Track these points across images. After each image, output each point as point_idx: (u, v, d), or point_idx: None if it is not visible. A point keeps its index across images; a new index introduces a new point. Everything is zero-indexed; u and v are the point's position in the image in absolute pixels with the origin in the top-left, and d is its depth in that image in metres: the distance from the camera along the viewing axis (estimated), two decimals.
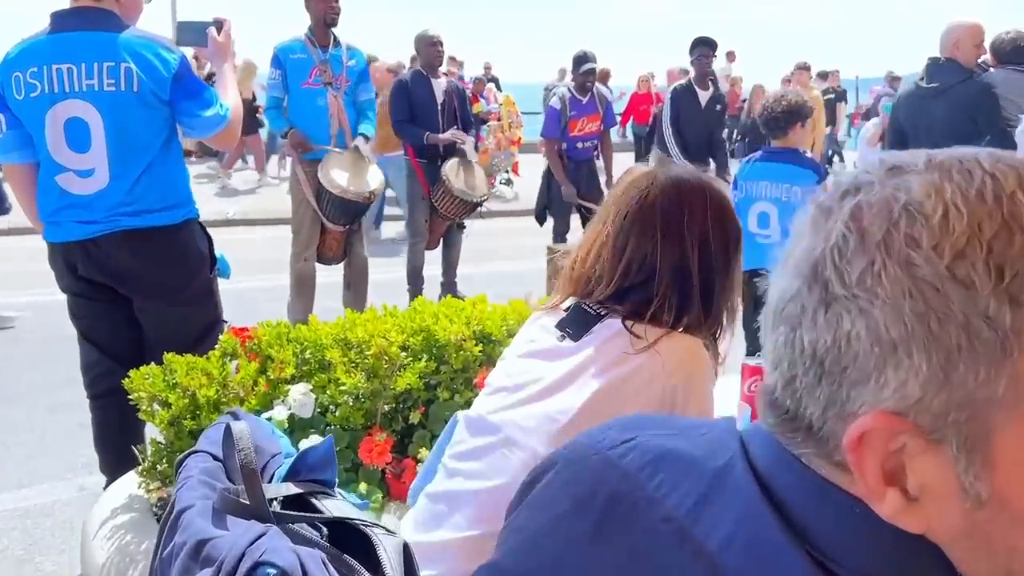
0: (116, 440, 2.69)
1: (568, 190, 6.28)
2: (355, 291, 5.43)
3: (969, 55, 4.30)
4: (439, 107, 5.78)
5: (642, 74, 15.27)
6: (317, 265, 5.22)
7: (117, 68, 2.52)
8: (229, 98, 2.74)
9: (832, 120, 14.64)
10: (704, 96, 6.58)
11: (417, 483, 1.80)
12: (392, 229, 9.07)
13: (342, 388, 2.04)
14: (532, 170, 12.32)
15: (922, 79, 4.44)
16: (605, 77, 12.70)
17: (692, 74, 6.68)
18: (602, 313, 1.41)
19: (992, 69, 4.39)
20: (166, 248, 2.71)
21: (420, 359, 2.13)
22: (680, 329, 1.36)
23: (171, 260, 2.73)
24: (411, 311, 2.32)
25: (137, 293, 2.72)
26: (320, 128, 4.91)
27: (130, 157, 2.60)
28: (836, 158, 14.95)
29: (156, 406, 1.95)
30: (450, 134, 5.69)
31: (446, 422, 2.09)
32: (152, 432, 2.11)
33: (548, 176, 6.53)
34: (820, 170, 3.99)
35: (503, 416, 1.40)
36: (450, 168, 5.66)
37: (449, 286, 6.28)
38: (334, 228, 5.04)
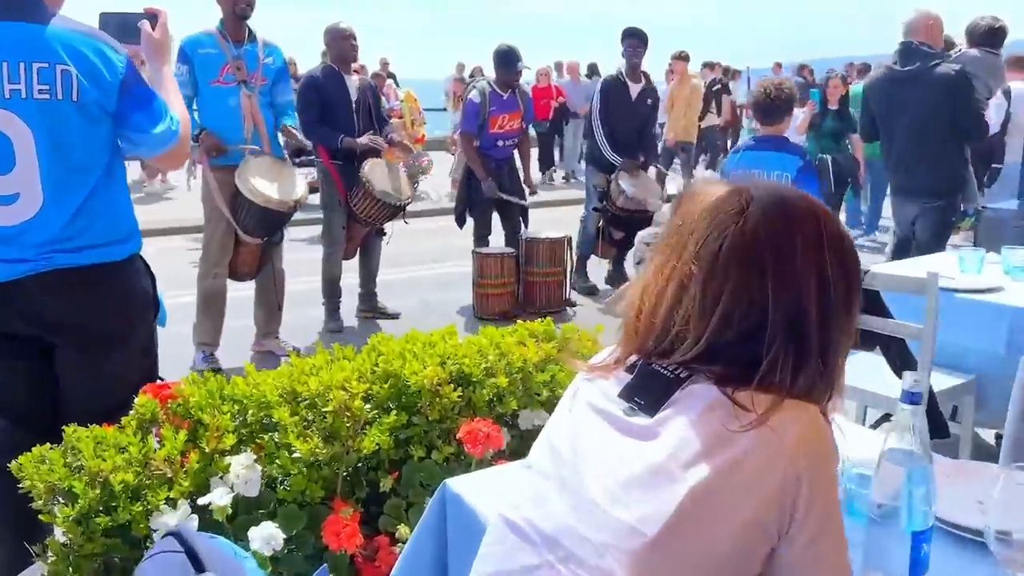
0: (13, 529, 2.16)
1: (488, 185, 5.94)
2: (269, 309, 4.95)
3: (939, 38, 4.32)
4: (354, 106, 5.34)
5: (541, 67, 15.05)
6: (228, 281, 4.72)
7: (51, 71, 2.02)
8: (176, 109, 2.26)
9: (720, 111, 14.73)
10: (635, 89, 6.36)
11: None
12: (305, 233, 8.50)
13: (295, 456, 1.65)
14: (439, 167, 11.94)
15: (895, 63, 4.41)
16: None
17: (623, 66, 6.44)
18: (684, 376, 1.08)
19: (962, 50, 4.44)
20: (109, 289, 2.21)
21: (389, 411, 1.76)
22: (795, 396, 1.04)
23: (115, 303, 2.23)
24: (370, 351, 1.94)
25: (70, 344, 2.19)
26: (232, 130, 4.41)
27: (70, 180, 2.10)
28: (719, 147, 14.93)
29: (57, 498, 1.51)
30: (368, 139, 5.26)
31: (423, 486, 1.74)
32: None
33: (467, 175, 6.18)
34: (805, 155, 4.05)
35: (559, 523, 1.05)
36: (370, 169, 5.23)
37: (369, 297, 5.84)
38: (251, 240, 4.55)
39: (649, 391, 1.07)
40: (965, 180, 4.46)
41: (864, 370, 2.88)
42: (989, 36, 4.48)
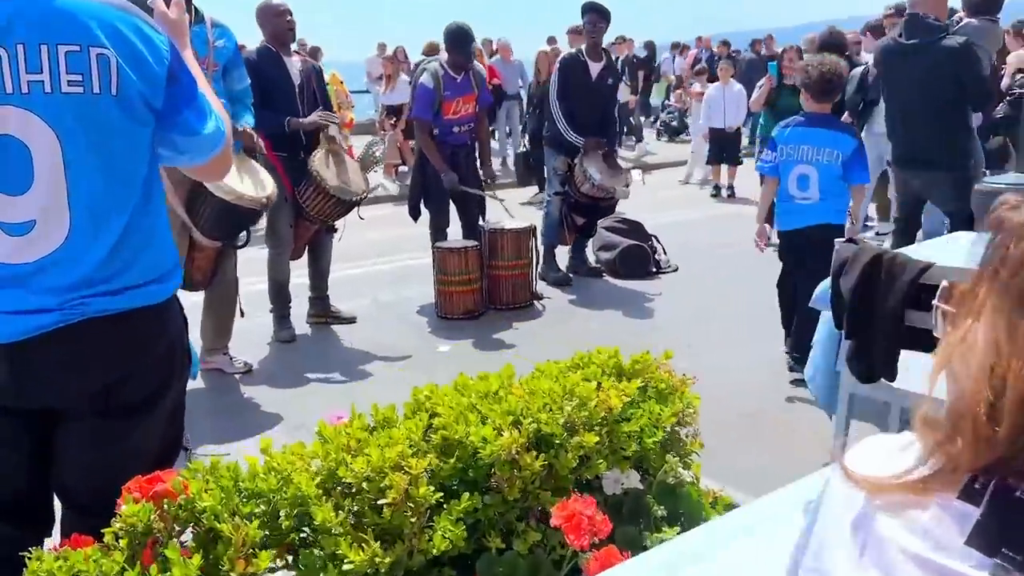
0: None
1: (449, 177, 5.50)
2: (219, 322, 4.42)
3: (944, 10, 4.34)
4: (296, 89, 4.81)
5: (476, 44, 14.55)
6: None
7: (84, 56, 1.51)
8: (213, 102, 1.76)
9: (636, 88, 14.43)
10: (595, 68, 5.99)
11: None
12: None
13: (347, 568, 1.23)
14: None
15: (900, 35, 4.37)
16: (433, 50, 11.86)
17: (583, 44, 6.06)
18: None
19: (963, 19, 4.39)
20: (147, 340, 1.70)
21: (457, 492, 1.36)
22: None
23: (153, 358, 1.72)
24: (415, 406, 1.53)
25: (87, 412, 1.65)
26: None
27: (108, 201, 1.60)
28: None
29: None
30: (317, 116, 4.75)
31: None
32: None
33: (421, 163, 5.71)
34: (856, 135, 4.16)
35: None
36: (319, 161, 4.72)
37: (321, 301, 5.34)
38: (209, 244, 4.02)
39: None
40: (973, 148, 4.46)
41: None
42: (987, 3, 4.39)
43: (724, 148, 9.97)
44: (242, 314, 4.48)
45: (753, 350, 4.65)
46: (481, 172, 5.90)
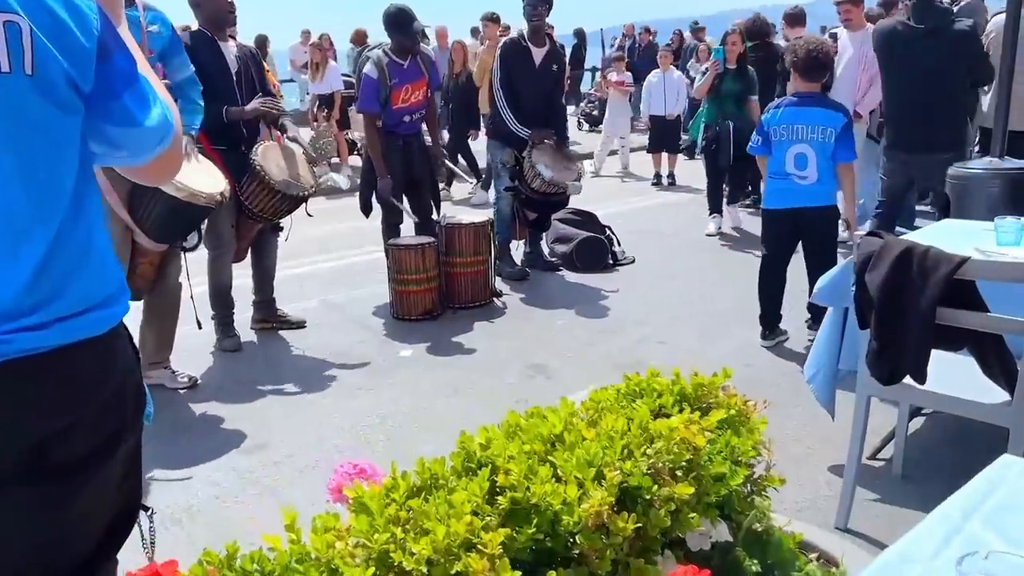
0: None
1: (385, 184, 5.18)
2: (161, 333, 4.02)
3: None
4: (234, 77, 4.40)
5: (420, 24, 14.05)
6: None
7: None
8: (159, 89, 1.38)
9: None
10: (539, 54, 5.72)
11: None
12: None
13: None
14: None
15: (908, 19, 4.43)
16: (361, 38, 11.36)
17: (524, 28, 5.78)
18: None
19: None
20: (90, 382, 1.32)
21: (533, 568, 1.09)
22: None
23: (101, 401, 1.33)
24: (466, 457, 1.25)
25: (19, 477, 1.24)
26: None
27: (25, 213, 1.23)
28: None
29: None
30: (258, 102, 4.36)
31: None
32: None
33: (370, 157, 5.37)
34: (847, 112, 4.18)
35: None
36: (262, 155, 4.34)
37: (266, 305, 4.95)
38: (155, 248, 3.63)
39: None
40: (968, 131, 4.58)
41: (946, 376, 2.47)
42: None
43: (665, 136, 9.87)
44: (199, 326, 4.09)
45: (728, 342, 4.51)
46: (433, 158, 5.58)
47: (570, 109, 14.55)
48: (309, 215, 4.71)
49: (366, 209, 5.54)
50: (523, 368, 4.22)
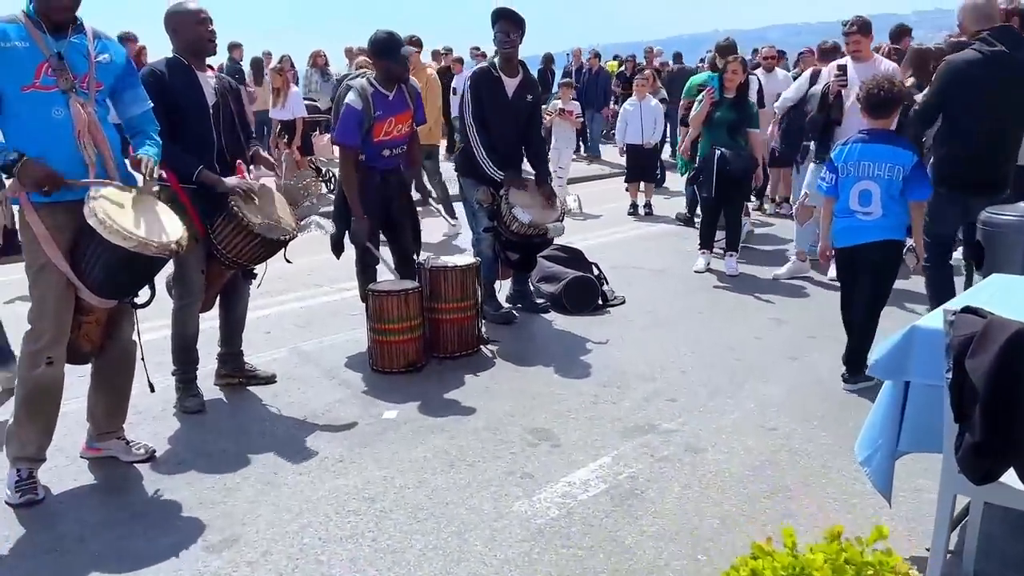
0: None
1: (360, 226, 4.75)
2: (114, 397, 3.52)
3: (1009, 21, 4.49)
4: (211, 112, 3.93)
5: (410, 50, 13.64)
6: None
7: None
8: None
9: None
10: (511, 83, 5.33)
11: None
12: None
13: None
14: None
15: (986, 49, 4.31)
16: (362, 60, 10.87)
17: (495, 56, 5.39)
18: None
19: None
20: None
21: None
22: None
23: None
24: None
25: None
26: (63, 154, 3.01)
27: None
28: None
29: None
30: (236, 182, 3.87)
31: None
32: None
33: (345, 194, 4.92)
34: (917, 151, 4.09)
35: None
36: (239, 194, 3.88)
37: (234, 358, 4.45)
38: (101, 305, 3.17)
39: None
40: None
41: None
42: None
43: (642, 165, 9.60)
44: (151, 389, 3.61)
45: (744, 399, 4.14)
46: (414, 193, 5.14)
47: None
48: (288, 261, 4.24)
49: (337, 249, 5.10)
50: (523, 433, 3.80)
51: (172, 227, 3.17)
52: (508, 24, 5.22)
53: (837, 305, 4.47)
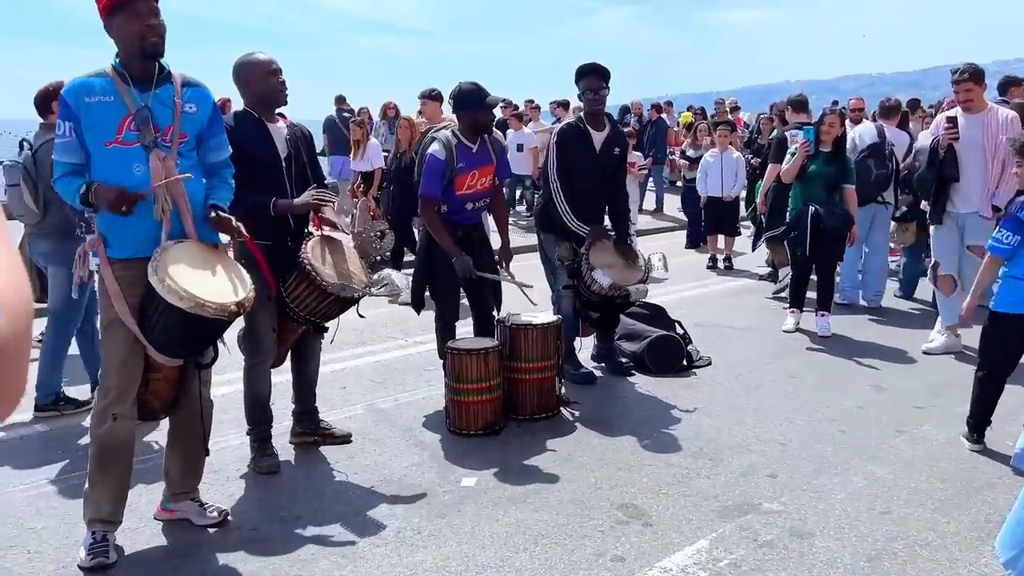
0: None
1: (463, 262, 4.61)
2: (187, 458, 3.41)
3: None
4: (283, 162, 3.89)
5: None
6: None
7: None
8: None
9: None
10: (599, 137, 5.20)
11: None
12: None
13: None
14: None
15: None
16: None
17: (582, 111, 5.28)
18: None
19: None
20: None
21: None
22: None
23: None
24: None
25: None
26: (139, 209, 2.97)
27: None
28: None
29: None
30: (309, 195, 3.84)
31: None
32: None
33: (427, 245, 4.81)
34: None
35: None
36: (313, 250, 3.80)
37: (308, 416, 4.34)
38: (167, 362, 3.10)
39: None
40: None
41: None
42: None
43: (722, 218, 9.33)
44: (206, 452, 3.48)
45: (854, 477, 3.80)
46: (497, 256, 4.99)
47: None
48: (361, 316, 4.13)
49: (418, 305, 4.98)
50: (612, 509, 3.55)
51: (238, 287, 3.08)
52: (595, 79, 5.12)
53: (941, 370, 4.16)
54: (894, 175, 6.99)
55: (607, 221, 5.43)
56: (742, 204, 9.89)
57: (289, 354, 4.25)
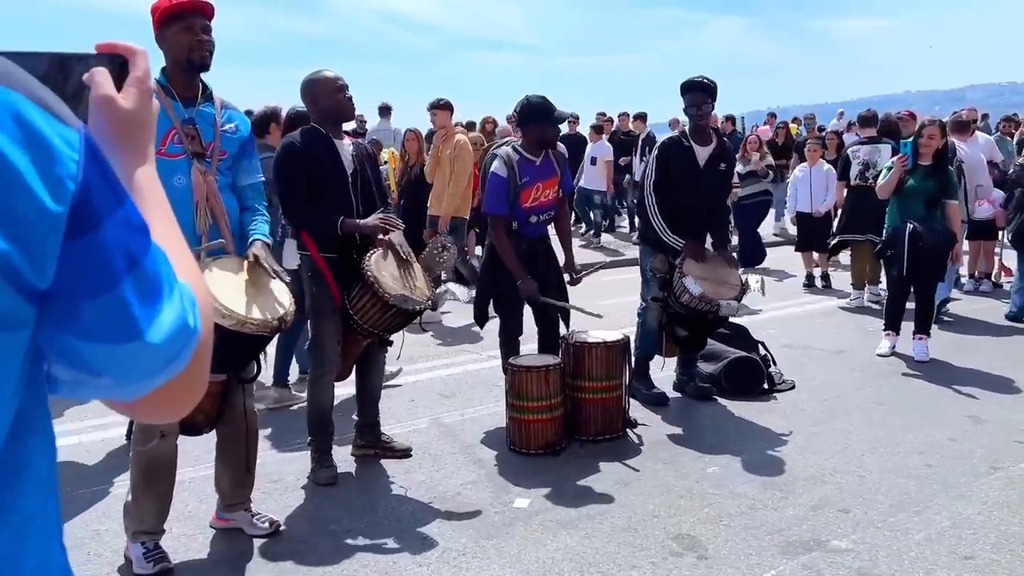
0: None
1: (528, 286, 4.53)
2: (236, 469, 3.43)
3: None
4: (349, 179, 3.93)
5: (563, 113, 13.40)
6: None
7: None
8: (180, 266, 0.81)
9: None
10: (703, 153, 5.03)
11: None
12: None
13: None
14: None
15: None
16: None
17: (687, 125, 5.12)
18: None
19: None
20: None
21: None
22: None
23: None
24: None
25: None
26: (180, 220, 2.96)
27: None
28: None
29: None
30: (377, 219, 3.85)
31: None
32: None
33: (491, 260, 4.77)
34: None
35: None
36: (376, 263, 3.80)
37: (370, 429, 4.35)
38: (211, 378, 3.10)
39: None
40: None
41: None
42: None
43: (813, 233, 8.84)
44: (247, 468, 3.48)
45: (937, 517, 3.48)
46: (563, 268, 4.90)
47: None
48: (424, 330, 4.11)
49: (481, 319, 4.93)
50: (666, 539, 3.38)
51: (280, 302, 3.09)
52: (700, 95, 4.95)
53: None
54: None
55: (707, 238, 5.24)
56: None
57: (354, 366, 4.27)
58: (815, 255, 9.00)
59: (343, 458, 4.23)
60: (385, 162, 8.78)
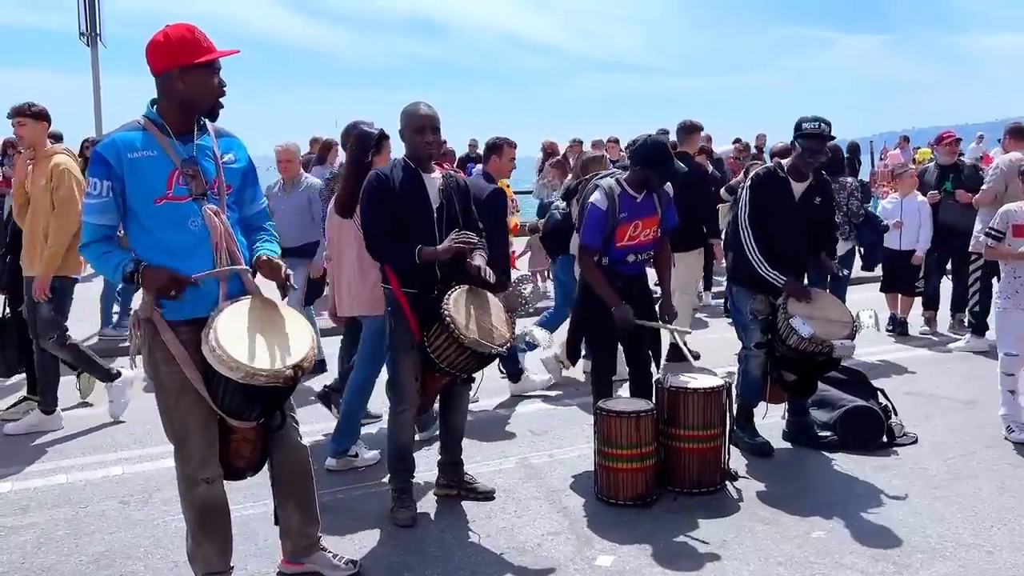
0: None
1: (622, 311, 4.31)
2: (300, 505, 3.31)
3: None
4: (435, 213, 3.84)
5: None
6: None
7: None
8: None
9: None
10: (799, 188, 4.70)
11: None
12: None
13: None
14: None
15: None
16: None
17: (787, 161, 4.79)
18: None
19: None
20: None
21: None
22: None
23: None
24: None
25: None
26: (199, 265, 2.88)
27: None
28: None
29: None
30: (451, 241, 3.75)
31: None
32: None
33: (585, 294, 4.57)
34: None
35: None
36: (455, 303, 3.68)
37: (453, 468, 4.23)
38: (242, 425, 3.03)
39: None
40: None
41: None
42: None
43: (898, 273, 7.94)
44: (276, 520, 3.36)
45: None
46: (658, 309, 4.64)
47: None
48: (501, 371, 3.96)
49: (573, 356, 4.75)
50: None
51: (296, 348, 2.88)
52: (818, 143, 4.59)
53: None
54: None
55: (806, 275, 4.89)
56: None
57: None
58: (899, 297, 8.14)
59: (426, 499, 4.12)
60: None
